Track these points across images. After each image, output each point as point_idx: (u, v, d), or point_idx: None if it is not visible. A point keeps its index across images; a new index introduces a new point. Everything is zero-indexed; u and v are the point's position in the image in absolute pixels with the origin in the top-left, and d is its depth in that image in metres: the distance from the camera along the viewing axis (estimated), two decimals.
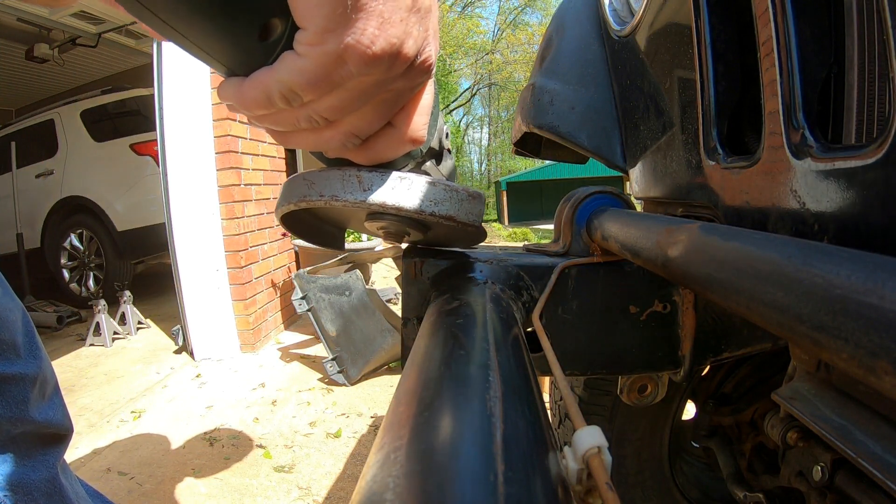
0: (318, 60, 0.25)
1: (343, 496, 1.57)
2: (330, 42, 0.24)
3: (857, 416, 0.34)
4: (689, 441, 0.99)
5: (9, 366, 0.54)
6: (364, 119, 0.30)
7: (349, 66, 0.25)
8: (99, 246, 4.32)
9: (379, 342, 2.48)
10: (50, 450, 0.58)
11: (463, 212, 0.38)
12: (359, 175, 0.35)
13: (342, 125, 0.30)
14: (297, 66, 0.25)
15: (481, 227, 0.41)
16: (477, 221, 0.39)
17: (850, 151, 0.33)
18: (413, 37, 0.27)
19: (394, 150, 0.34)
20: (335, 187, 0.35)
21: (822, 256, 0.21)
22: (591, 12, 0.83)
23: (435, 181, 0.37)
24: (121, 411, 2.24)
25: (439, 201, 0.37)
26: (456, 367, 0.25)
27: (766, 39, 0.39)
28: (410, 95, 0.32)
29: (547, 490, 0.17)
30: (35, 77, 6.32)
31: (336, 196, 0.35)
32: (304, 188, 0.37)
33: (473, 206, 0.39)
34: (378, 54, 0.25)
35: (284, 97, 0.26)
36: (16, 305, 0.57)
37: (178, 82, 2.78)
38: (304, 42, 0.25)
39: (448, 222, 0.37)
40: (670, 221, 0.38)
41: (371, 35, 0.24)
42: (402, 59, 0.27)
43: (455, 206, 0.37)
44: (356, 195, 0.35)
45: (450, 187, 0.37)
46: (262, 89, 0.26)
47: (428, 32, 0.28)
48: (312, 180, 0.36)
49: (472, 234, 0.43)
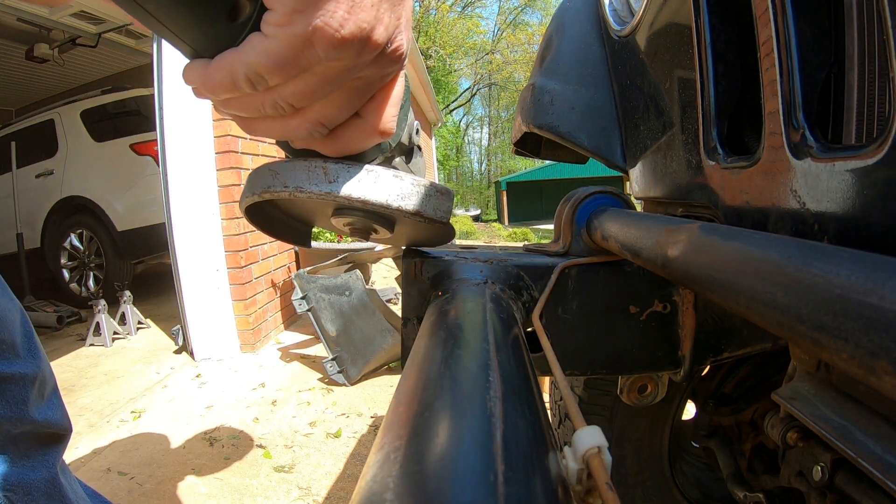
0: (285, 42, 0.24)
1: (343, 496, 1.57)
2: (298, 23, 0.24)
3: (857, 416, 0.34)
4: (689, 441, 0.99)
5: (8, 366, 0.54)
6: (332, 107, 0.29)
7: (317, 50, 0.25)
8: (99, 246, 4.32)
9: (379, 342, 2.48)
10: (49, 450, 0.58)
11: (430, 207, 0.37)
12: (325, 166, 0.34)
13: (309, 113, 0.29)
14: (263, 47, 0.25)
15: (449, 225, 0.40)
16: (445, 218, 0.38)
17: (850, 151, 0.33)
18: (384, 23, 0.26)
19: (362, 141, 0.33)
20: (300, 178, 0.34)
21: (822, 256, 0.21)
22: (591, 12, 0.83)
23: (402, 175, 0.36)
24: (121, 411, 2.24)
25: (406, 196, 0.36)
26: (456, 367, 0.25)
27: (766, 39, 0.39)
28: (380, 85, 0.31)
29: (547, 490, 0.17)
30: (35, 77, 6.32)
31: (300, 187, 0.34)
32: (269, 179, 0.36)
33: (441, 201, 0.38)
34: (347, 38, 0.25)
35: (249, 80, 0.26)
36: (14, 305, 0.57)
37: (178, 82, 2.78)
38: (272, 23, 0.24)
39: (415, 218, 0.37)
40: (670, 221, 0.38)
41: (340, 18, 0.24)
42: (371, 45, 0.26)
43: (423, 201, 0.36)
44: (321, 187, 0.34)
45: (417, 181, 0.36)
46: (227, 71, 0.26)
47: (400, 21, 0.27)
48: (277, 171, 0.35)
49: (439, 231, 0.41)
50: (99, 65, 6.19)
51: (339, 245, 3.63)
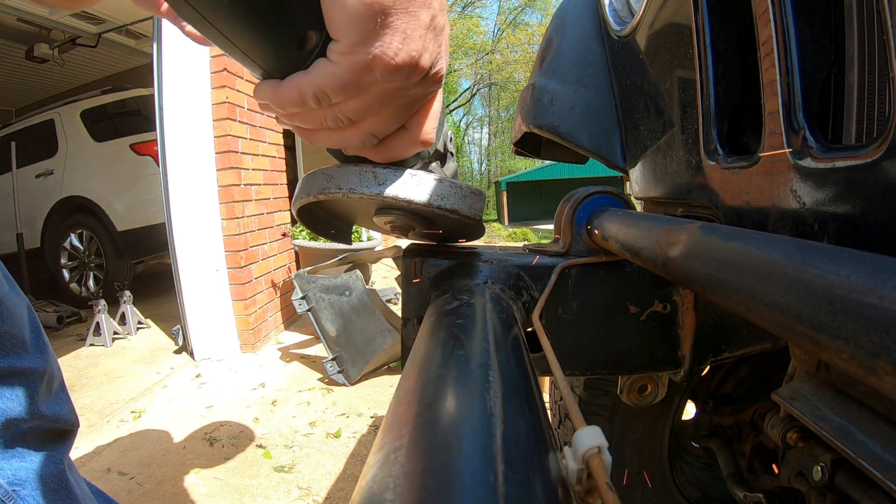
0: (349, 68, 0.29)
1: (343, 496, 1.57)
2: (360, 53, 0.28)
3: (857, 416, 0.34)
4: (689, 441, 0.99)
5: (17, 360, 0.54)
6: (382, 121, 0.34)
7: (375, 74, 0.29)
8: (99, 246, 4.32)
9: (379, 342, 2.48)
10: (57, 445, 0.59)
11: (466, 206, 0.41)
12: (374, 171, 0.38)
13: (363, 125, 0.34)
14: (330, 71, 0.29)
15: (481, 222, 0.45)
16: (478, 215, 0.43)
17: (850, 151, 0.33)
18: (429, 51, 0.31)
19: (406, 150, 0.38)
20: (352, 181, 0.39)
21: (822, 256, 0.21)
22: (591, 12, 0.83)
23: (441, 178, 0.40)
24: (121, 411, 2.24)
25: (445, 196, 0.40)
26: (456, 367, 0.25)
27: (766, 39, 0.39)
28: (423, 102, 0.36)
29: (547, 490, 0.17)
30: (35, 77, 6.32)
31: (353, 189, 0.39)
32: (324, 182, 0.40)
33: (475, 201, 0.42)
34: (400, 65, 0.29)
35: (316, 98, 0.30)
36: (22, 301, 0.58)
37: (178, 82, 2.78)
38: (338, 52, 0.29)
39: (452, 215, 0.41)
40: (670, 221, 0.38)
41: (395, 48, 0.28)
42: (419, 70, 0.31)
43: (459, 200, 0.41)
44: (372, 188, 0.38)
45: (454, 184, 0.41)
46: (297, 90, 0.30)
47: (441, 48, 0.32)
48: (331, 175, 0.40)
49: (472, 228, 0.46)
50: (99, 65, 6.19)
51: (339, 245, 3.62)
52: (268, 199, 3.28)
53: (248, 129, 3.03)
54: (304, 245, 3.66)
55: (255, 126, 3.12)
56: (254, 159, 3.09)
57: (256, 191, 3.11)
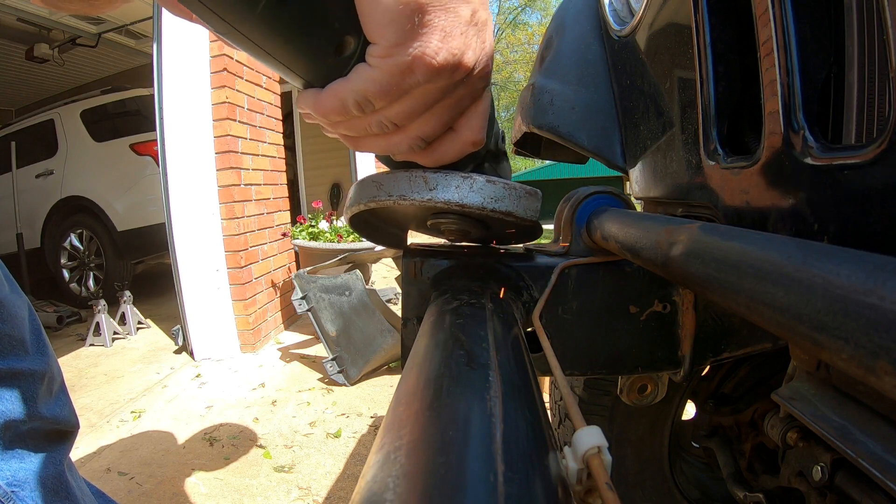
0: (389, 70, 0.28)
1: (343, 496, 1.57)
2: (399, 54, 0.27)
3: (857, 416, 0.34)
4: (689, 441, 0.99)
5: (18, 361, 0.54)
6: (428, 124, 0.33)
7: (416, 75, 0.28)
8: (99, 246, 4.32)
9: (379, 342, 2.48)
10: (57, 446, 0.59)
11: (521, 208, 0.40)
12: (424, 176, 0.37)
13: (409, 130, 0.33)
14: (370, 76, 0.28)
15: (538, 223, 0.44)
16: (534, 216, 0.41)
17: (850, 151, 0.33)
18: (472, 48, 0.30)
19: (456, 152, 0.37)
20: (403, 188, 0.38)
21: (822, 256, 0.21)
22: (591, 12, 0.83)
23: (495, 180, 0.39)
24: (121, 411, 2.24)
25: (499, 198, 0.39)
26: (456, 367, 0.25)
27: (766, 39, 0.39)
28: (470, 101, 0.34)
29: (547, 490, 0.17)
30: (35, 77, 6.32)
31: (404, 195, 0.37)
32: (374, 189, 0.39)
33: (531, 202, 0.41)
34: (442, 64, 0.28)
35: (359, 104, 0.29)
36: (22, 302, 0.58)
37: (178, 82, 2.78)
38: (376, 55, 0.28)
39: (508, 218, 0.40)
40: (670, 221, 0.38)
41: (435, 47, 0.28)
42: (462, 68, 0.30)
43: (514, 202, 0.39)
44: (423, 194, 0.37)
45: (509, 185, 0.39)
46: (338, 98, 0.29)
47: (485, 44, 0.31)
48: (381, 182, 0.39)
49: (529, 229, 0.45)
50: (99, 65, 6.19)
51: (339, 245, 3.63)
52: (268, 199, 3.28)
53: (248, 129, 3.03)
54: (304, 245, 3.66)
55: (255, 126, 3.12)
56: (254, 159, 3.09)
57: (256, 191, 3.11)
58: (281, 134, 3.51)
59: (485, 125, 0.36)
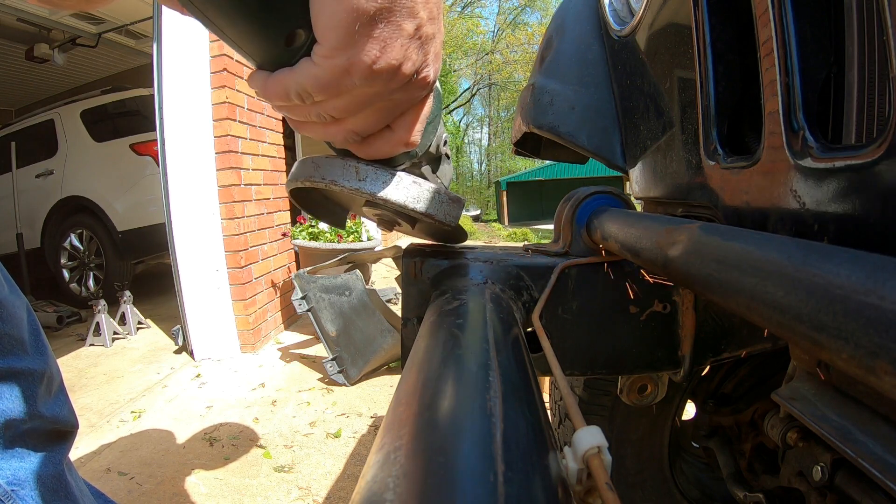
0: (328, 70, 0.30)
1: (343, 496, 1.57)
2: (339, 57, 0.29)
3: (857, 416, 0.34)
4: (689, 441, 0.99)
5: (17, 361, 0.54)
6: (365, 121, 0.35)
7: (353, 78, 0.30)
8: (99, 246, 4.31)
9: (379, 342, 2.48)
10: (56, 446, 0.59)
11: (441, 212, 0.43)
12: (357, 166, 0.40)
13: (346, 123, 0.35)
14: (311, 72, 0.30)
15: (459, 227, 0.47)
16: (453, 222, 0.44)
17: (850, 151, 0.33)
18: (412, 60, 0.31)
19: (390, 149, 0.39)
20: (336, 173, 0.40)
21: (822, 256, 0.21)
22: (591, 12, 0.83)
23: (420, 182, 0.42)
24: (121, 411, 2.24)
25: (421, 200, 0.41)
26: (456, 368, 0.25)
27: (766, 39, 0.39)
28: (409, 106, 0.36)
29: (547, 490, 0.17)
30: (35, 77, 6.32)
31: (335, 181, 0.40)
32: (311, 169, 0.42)
33: (452, 208, 0.44)
34: (378, 71, 0.30)
35: (300, 95, 0.31)
36: (21, 302, 0.58)
37: (178, 82, 2.78)
38: (319, 54, 0.30)
39: (427, 219, 0.42)
40: (670, 221, 0.38)
41: (373, 55, 0.29)
42: (399, 77, 0.32)
43: (435, 206, 0.42)
44: (352, 183, 0.40)
45: (432, 188, 0.42)
46: (282, 86, 0.32)
47: (428, 56, 0.33)
48: (319, 164, 0.42)
49: (450, 233, 0.48)
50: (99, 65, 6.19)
51: (339, 245, 3.63)
52: (268, 199, 3.28)
53: (248, 129, 3.03)
54: (304, 245, 3.66)
55: (255, 126, 3.12)
56: (254, 159, 3.09)
57: (256, 191, 3.11)
58: (281, 134, 3.51)
59: (420, 129, 0.38)
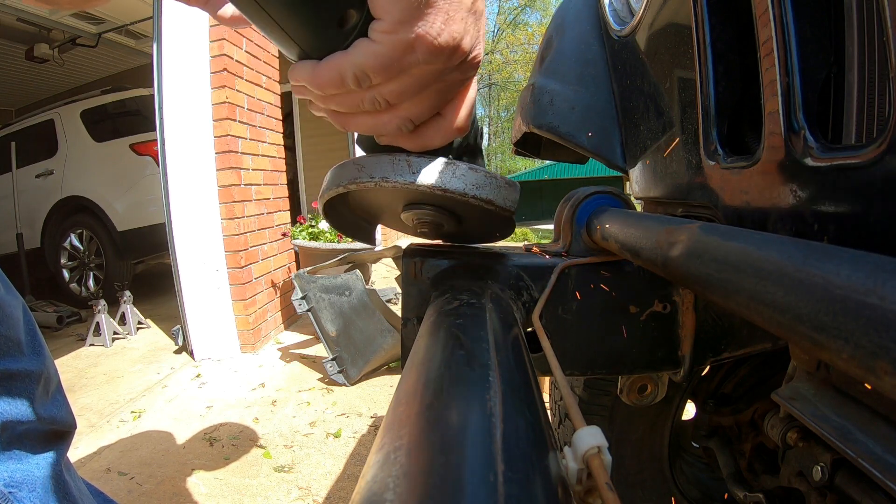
0: (391, 46, 0.29)
1: (343, 496, 1.57)
2: (403, 31, 0.28)
3: (857, 416, 0.34)
4: (689, 441, 0.99)
5: (13, 362, 0.54)
6: (420, 105, 0.34)
7: (417, 54, 0.29)
8: (99, 246, 4.32)
9: (379, 342, 2.48)
10: (54, 447, 0.58)
11: (501, 197, 0.40)
12: (408, 160, 0.38)
13: (401, 109, 0.33)
14: (372, 50, 0.29)
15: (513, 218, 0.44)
16: (513, 207, 0.42)
17: (850, 151, 0.33)
18: (470, 34, 0.31)
19: (441, 137, 0.37)
20: (385, 170, 0.38)
21: (822, 256, 0.21)
22: (591, 12, 0.83)
23: (476, 168, 0.39)
24: (121, 411, 2.24)
25: (481, 185, 0.39)
26: (456, 367, 0.25)
27: (766, 39, 0.39)
28: (460, 88, 0.35)
29: (547, 490, 0.17)
30: (35, 77, 6.32)
31: (386, 178, 0.38)
32: (355, 171, 0.39)
33: (510, 192, 0.41)
34: (442, 45, 0.29)
35: (357, 78, 0.30)
36: (17, 302, 0.58)
37: (178, 82, 2.78)
38: (380, 30, 0.28)
39: (488, 206, 0.40)
40: (670, 221, 0.38)
41: (438, 28, 0.29)
42: (460, 52, 0.31)
43: (495, 191, 0.40)
44: (406, 177, 0.37)
45: (490, 174, 0.40)
46: (337, 70, 0.30)
47: (480, 32, 0.32)
48: (363, 164, 0.39)
49: (505, 221, 0.45)
50: (99, 65, 6.19)
51: (339, 245, 3.63)
52: (268, 199, 3.28)
53: (248, 129, 3.03)
54: (304, 245, 3.66)
55: (255, 126, 3.12)
56: (254, 159, 3.09)
57: (256, 191, 3.11)
58: (281, 134, 3.51)
59: (471, 113, 0.37)
